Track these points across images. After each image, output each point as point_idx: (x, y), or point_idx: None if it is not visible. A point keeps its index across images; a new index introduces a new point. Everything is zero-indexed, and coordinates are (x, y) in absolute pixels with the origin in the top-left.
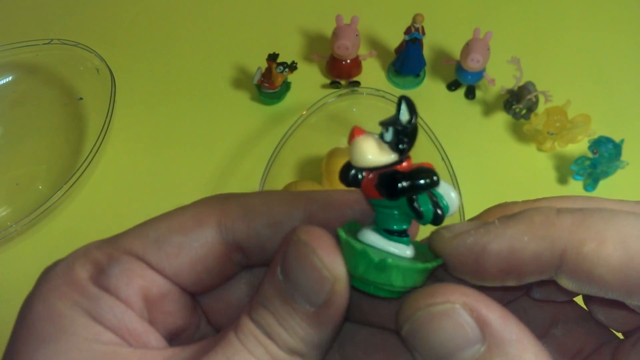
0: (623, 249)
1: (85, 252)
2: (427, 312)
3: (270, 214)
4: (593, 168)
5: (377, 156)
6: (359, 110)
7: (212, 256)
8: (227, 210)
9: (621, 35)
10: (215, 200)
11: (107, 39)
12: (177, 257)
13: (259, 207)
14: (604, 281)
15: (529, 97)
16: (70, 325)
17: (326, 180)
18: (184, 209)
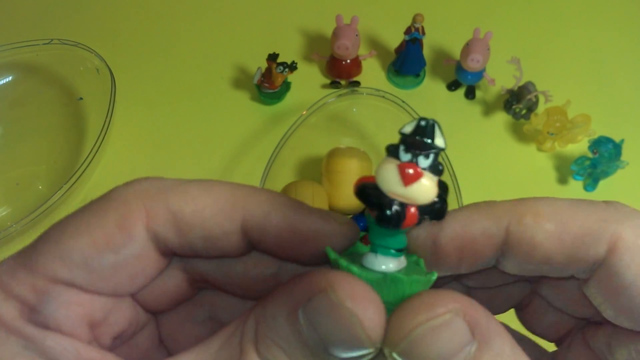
0: (557, 219)
1: (4, 287)
2: (428, 325)
3: (203, 227)
4: (593, 168)
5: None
6: (359, 110)
7: (147, 265)
8: (155, 216)
9: (621, 35)
10: (139, 200)
11: (107, 39)
12: (111, 278)
13: (189, 218)
14: (543, 249)
15: (529, 97)
16: None
17: (326, 180)
18: (102, 211)
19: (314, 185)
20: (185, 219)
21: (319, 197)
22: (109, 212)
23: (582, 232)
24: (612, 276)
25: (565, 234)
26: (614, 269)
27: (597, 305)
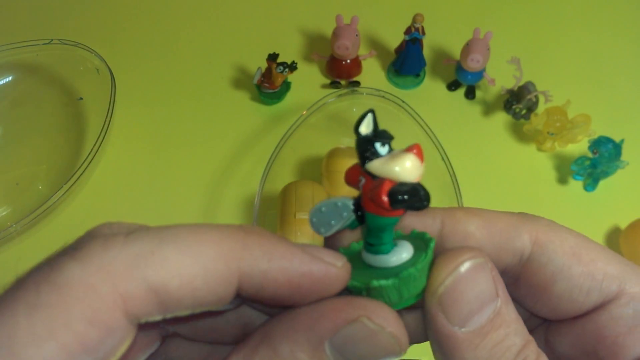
0: (483, 216)
1: None
2: (467, 266)
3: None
4: (593, 168)
5: None
6: (359, 110)
7: (130, 347)
8: (133, 299)
9: (621, 35)
10: (107, 283)
11: (107, 39)
12: None
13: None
14: (475, 239)
15: (529, 97)
16: None
17: (326, 180)
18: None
19: (314, 185)
20: (171, 294)
21: (319, 197)
22: (73, 307)
23: (506, 226)
24: (541, 266)
25: (492, 227)
26: (541, 258)
27: (530, 304)
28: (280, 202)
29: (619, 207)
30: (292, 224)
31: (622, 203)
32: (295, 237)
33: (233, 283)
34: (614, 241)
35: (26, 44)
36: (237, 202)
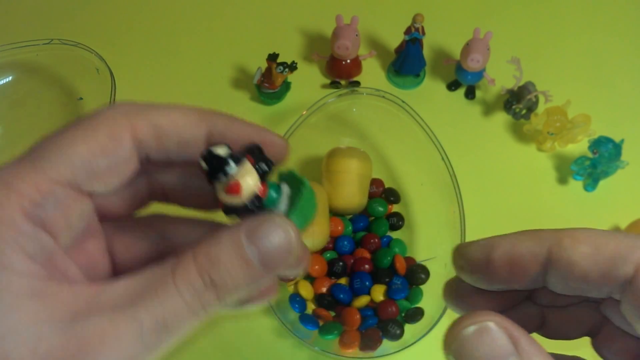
0: (591, 243)
1: (7, 184)
2: (470, 330)
3: (178, 134)
4: (593, 168)
5: None
6: (359, 110)
7: (130, 168)
8: (139, 128)
9: (621, 35)
10: (124, 116)
11: (107, 39)
12: (105, 178)
13: (167, 127)
14: (580, 268)
15: (529, 97)
16: (6, 260)
17: (326, 180)
18: (94, 125)
19: (314, 185)
20: (163, 128)
21: (319, 197)
22: (100, 127)
23: (613, 254)
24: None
25: (599, 256)
26: None
27: (633, 324)
28: None
29: (619, 207)
30: None
31: (622, 203)
32: None
33: (204, 127)
34: None
35: (26, 44)
36: None
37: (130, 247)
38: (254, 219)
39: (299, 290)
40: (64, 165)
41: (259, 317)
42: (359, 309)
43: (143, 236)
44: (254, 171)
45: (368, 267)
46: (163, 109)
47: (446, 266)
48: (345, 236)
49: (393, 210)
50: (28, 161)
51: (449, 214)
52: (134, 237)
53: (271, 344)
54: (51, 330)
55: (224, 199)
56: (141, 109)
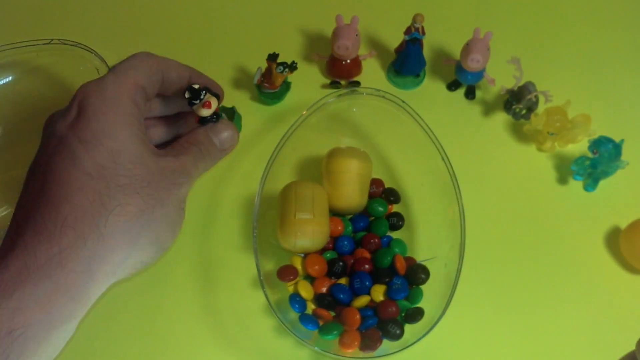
0: None
1: (120, 80)
2: None
3: (178, 78)
4: (593, 168)
5: None
6: (359, 110)
7: (158, 88)
8: (163, 70)
9: (621, 35)
10: (157, 61)
11: (107, 39)
12: (152, 90)
13: (172, 74)
14: None
15: (529, 97)
16: (126, 119)
17: (326, 180)
18: (148, 60)
19: (314, 185)
20: (171, 74)
21: (319, 197)
22: (149, 63)
23: None
24: None
25: None
26: None
27: None
28: (280, 202)
29: (619, 207)
30: (292, 224)
31: (622, 203)
32: (295, 237)
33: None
34: (614, 241)
35: (26, 44)
36: (237, 202)
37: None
38: (215, 125)
39: (299, 290)
40: (141, 77)
41: (259, 317)
42: (359, 309)
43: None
44: (214, 97)
45: (368, 267)
46: (172, 63)
47: (446, 266)
48: (345, 236)
49: (393, 210)
50: (119, 71)
51: (449, 214)
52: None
53: (271, 344)
54: (150, 157)
55: (201, 112)
56: (164, 60)
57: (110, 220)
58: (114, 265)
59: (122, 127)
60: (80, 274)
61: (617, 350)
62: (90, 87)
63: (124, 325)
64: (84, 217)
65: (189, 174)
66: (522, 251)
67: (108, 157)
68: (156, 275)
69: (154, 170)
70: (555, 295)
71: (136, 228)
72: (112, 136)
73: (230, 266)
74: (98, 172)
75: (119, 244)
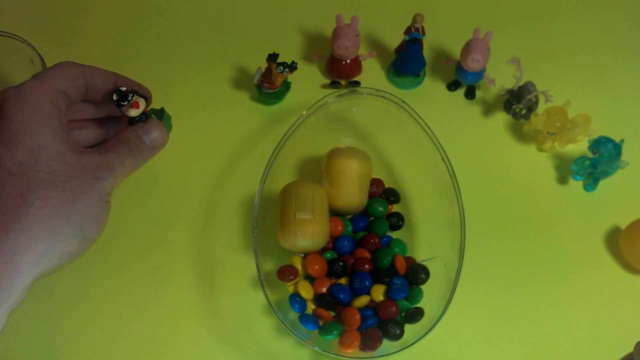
0: None
1: (37, 87)
2: None
3: (103, 83)
4: (593, 168)
5: None
6: (359, 110)
7: (80, 95)
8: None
9: (621, 35)
10: (80, 68)
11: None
12: (75, 96)
13: (98, 80)
14: None
15: (529, 97)
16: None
17: (326, 180)
18: (69, 69)
19: (314, 185)
20: (96, 80)
21: (319, 197)
22: (71, 71)
23: None
24: None
25: None
26: None
27: None
28: (280, 202)
29: (619, 207)
30: (292, 224)
31: (622, 203)
32: (295, 237)
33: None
34: (614, 241)
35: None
36: (237, 202)
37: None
38: (144, 124)
39: (299, 290)
40: (62, 82)
41: (259, 317)
42: (359, 309)
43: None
44: (142, 98)
45: (368, 267)
46: (96, 70)
47: (446, 266)
48: (345, 236)
49: (393, 210)
50: (40, 77)
51: (449, 214)
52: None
53: (271, 344)
54: (71, 153)
55: (129, 113)
56: (88, 67)
57: (31, 213)
58: (38, 255)
59: (41, 127)
60: (4, 264)
61: (617, 350)
62: (10, 92)
63: (124, 325)
64: (5, 211)
65: (112, 169)
66: (522, 251)
67: (28, 155)
68: (156, 275)
69: (74, 165)
70: (555, 295)
71: (57, 219)
72: (31, 135)
73: (230, 266)
74: (18, 169)
75: (41, 235)
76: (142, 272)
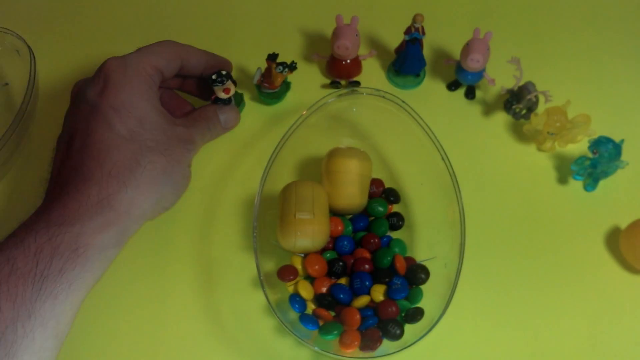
0: None
1: (140, 62)
2: None
3: (197, 62)
4: (593, 168)
5: None
6: (359, 110)
7: (175, 70)
8: (182, 57)
9: (621, 35)
10: (178, 47)
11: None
12: (170, 71)
13: (192, 59)
14: None
15: (529, 97)
16: (145, 94)
17: (326, 180)
18: (166, 47)
19: (314, 185)
20: (190, 60)
21: (319, 197)
22: (169, 48)
23: None
24: None
25: None
26: None
27: None
28: (280, 202)
29: (619, 207)
30: (292, 224)
31: (622, 203)
32: (295, 237)
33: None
34: (614, 241)
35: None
36: (237, 202)
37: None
38: (223, 106)
39: (299, 290)
40: (160, 61)
41: (259, 317)
42: (359, 309)
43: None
44: (232, 84)
45: (368, 267)
46: (192, 50)
47: (446, 266)
48: (345, 236)
49: (393, 210)
50: (142, 54)
51: (449, 214)
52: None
53: (271, 344)
54: (168, 125)
55: (219, 94)
56: (185, 48)
57: (144, 174)
58: (145, 209)
59: (142, 100)
60: (122, 213)
61: (616, 350)
62: (115, 62)
63: (124, 325)
64: (124, 170)
65: (195, 142)
66: (522, 251)
67: (136, 124)
68: (156, 276)
69: (171, 136)
70: (555, 295)
71: (162, 180)
72: (137, 106)
73: (230, 266)
74: (130, 135)
75: (150, 192)
76: (141, 272)
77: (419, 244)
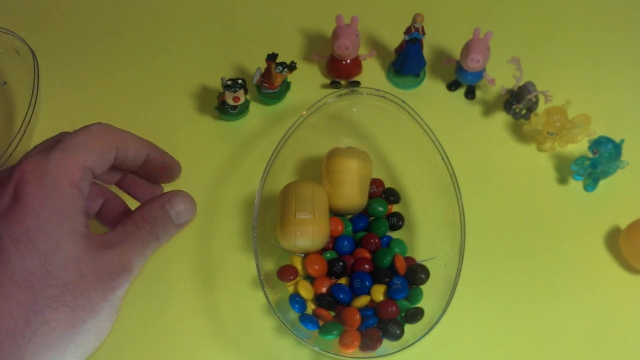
0: None
1: (62, 165)
2: None
3: (134, 153)
4: (593, 168)
5: None
6: (359, 110)
7: (109, 164)
8: (118, 146)
9: (621, 35)
10: (112, 134)
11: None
12: (102, 168)
13: (130, 149)
14: None
15: (529, 97)
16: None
17: (326, 180)
18: (98, 135)
19: (314, 185)
20: (128, 150)
21: (319, 197)
22: (100, 138)
23: None
24: None
25: None
26: None
27: None
28: (280, 202)
29: (619, 207)
30: (292, 224)
31: (622, 203)
32: (295, 237)
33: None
34: (614, 241)
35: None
36: (237, 202)
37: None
38: (174, 197)
39: (299, 290)
40: (91, 157)
41: (259, 317)
42: (359, 309)
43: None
44: (243, 93)
45: (368, 267)
46: (130, 138)
47: (446, 266)
48: (345, 236)
49: (393, 210)
50: (67, 150)
51: (449, 214)
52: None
53: (271, 344)
54: (87, 256)
55: (229, 100)
56: (122, 135)
57: (33, 341)
58: None
59: (57, 223)
60: None
61: (616, 350)
62: (31, 167)
63: (124, 326)
64: (5, 338)
65: (131, 270)
66: (522, 251)
67: (39, 263)
68: (156, 276)
69: (88, 274)
70: (555, 295)
71: (61, 344)
72: (47, 234)
73: (230, 266)
74: (27, 280)
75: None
76: (141, 272)
77: (419, 244)
